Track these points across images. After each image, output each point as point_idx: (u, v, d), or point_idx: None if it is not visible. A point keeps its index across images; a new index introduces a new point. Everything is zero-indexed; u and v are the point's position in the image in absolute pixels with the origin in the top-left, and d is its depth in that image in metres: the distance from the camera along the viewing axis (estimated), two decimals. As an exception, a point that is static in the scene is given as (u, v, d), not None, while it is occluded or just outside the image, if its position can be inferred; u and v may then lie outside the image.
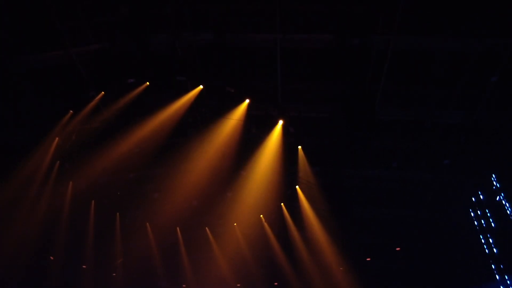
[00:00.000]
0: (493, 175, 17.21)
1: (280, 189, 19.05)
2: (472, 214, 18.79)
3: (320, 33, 12.99)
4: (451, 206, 19.33)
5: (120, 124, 15.96)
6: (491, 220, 17.74)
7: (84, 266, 21.79)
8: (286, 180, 18.86)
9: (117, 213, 21.50)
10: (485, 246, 18.02)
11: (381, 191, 19.64)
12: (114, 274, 23.28)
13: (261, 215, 21.85)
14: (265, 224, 22.05)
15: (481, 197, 18.30)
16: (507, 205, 16.53)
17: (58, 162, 16.81)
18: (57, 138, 15.88)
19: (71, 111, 15.27)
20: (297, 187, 19.51)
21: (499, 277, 17.22)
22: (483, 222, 18.21)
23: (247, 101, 15.21)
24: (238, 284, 24.04)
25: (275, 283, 24.07)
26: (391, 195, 19.74)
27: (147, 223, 22.55)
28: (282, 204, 20.93)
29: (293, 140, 16.58)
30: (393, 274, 21.99)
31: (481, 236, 18.26)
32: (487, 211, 17.95)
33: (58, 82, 14.58)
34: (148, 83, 14.66)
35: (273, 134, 16.10)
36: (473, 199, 18.73)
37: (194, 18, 13.31)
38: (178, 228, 23.16)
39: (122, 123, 15.94)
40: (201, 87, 15.03)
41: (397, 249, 21.56)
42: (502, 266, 17.12)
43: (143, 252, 22.77)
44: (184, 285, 24.48)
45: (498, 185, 17.08)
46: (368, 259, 22.15)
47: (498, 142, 15.30)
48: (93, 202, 20.18)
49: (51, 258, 20.51)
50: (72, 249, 20.49)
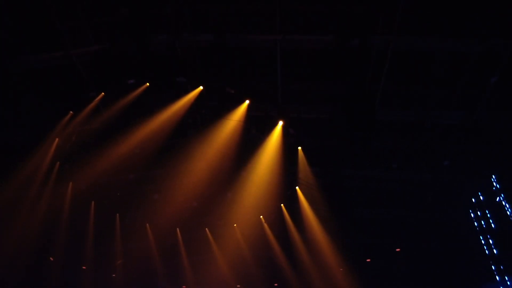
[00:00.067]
0: (493, 176, 17.22)
1: (280, 190, 19.03)
2: (472, 215, 18.80)
3: (320, 34, 12.97)
4: (451, 207, 19.33)
5: (120, 125, 15.93)
6: (491, 221, 17.74)
7: (84, 267, 21.81)
8: (286, 181, 18.85)
9: (117, 214, 21.52)
10: (485, 247, 18.03)
11: (381, 192, 19.63)
12: (114, 275, 23.28)
13: (261, 216, 21.82)
14: (265, 225, 22.02)
15: (481, 198, 18.30)
16: (507, 206, 16.54)
17: (58, 163, 16.82)
18: (57, 139, 15.90)
19: (71, 112, 15.29)
20: (297, 188, 19.52)
21: (499, 278, 17.22)
22: (483, 223, 18.22)
23: (247, 102, 15.21)
24: (238, 285, 24.00)
25: (275, 284, 24.03)
26: (391, 196, 19.73)
27: (147, 224, 22.53)
28: (282, 205, 20.92)
29: (293, 141, 16.57)
30: (393, 275, 21.96)
31: (481, 237, 18.27)
32: (487, 212, 17.96)
33: (58, 83, 14.57)
34: (148, 84, 14.65)
35: (273, 135, 16.09)
36: (473, 200, 18.73)
37: (194, 19, 13.31)
38: (178, 229, 23.14)
39: (122, 124, 15.92)
40: (201, 88, 15.02)
41: (397, 250, 21.54)
42: (502, 267, 17.13)
43: (143, 253, 22.77)
44: (184, 286, 24.44)
45: (498, 186, 17.08)
46: (368, 260, 22.14)
47: (498, 143, 15.29)
48: (93, 203, 20.20)
49: (51, 259, 20.53)
50: (72, 250, 20.52)
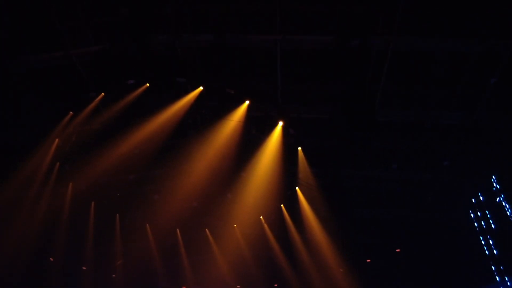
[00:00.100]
0: (493, 176, 17.20)
1: (280, 190, 19.02)
2: (472, 215, 18.79)
3: (320, 34, 12.97)
4: (451, 207, 19.32)
5: (120, 125, 15.94)
6: (491, 222, 17.73)
7: (84, 267, 21.81)
8: (286, 181, 18.85)
9: (117, 214, 21.54)
10: (485, 248, 18.02)
11: (381, 192, 19.63)
12: (114, 275, 23.28)
13: (261, 216, 21.83)
14: (265, 225, 22.03)
15: (481, 198, 18.29)
16: (507, 207, 16.52)
17: (58, 163, 16.83)
18: (57, 139, 15.90)
19: (71, 112, 15.29)
20: (297, 188, 19.55)
21: (499, 279, 17.21)
22: (483, 223, 18.21)
23: (247, 102, 15.21)
24: (238, 286, 23.99)
25: (275, 284, 24.03)
26: (391, 196, 19.73)
27: (147, 224, 22.55)
28: (282, 205, 20.93)
29: (293, 141, 16.57)
30: (393, 275, 21.92)
31: (481, 238, 18.26)
32: (487, 212, 17.94)
33: (58, 83, 14.58)
34: (148, 84, 14.65)
35: (273, 135, 16.09)
36: (473, 200, 18.72)
37: (194, 19, 13.32)
38: (178, 229, 23.16)
39: (122, 124, 15.93)
40: (201, 88, 15.02)
41: (397, 250, 21.53)
42: (502, 268, 17.11)
43: (143, 253, 22.78)
44: (184, 286, 24.41)
45: (498, 186, 17.07)
46: (368, 260, 22.13)
47: (498, 143, 15.28)
48: (93, 203, 20.21)
49: (51, 259, 20.53)
50: (72, 250, 20.52)
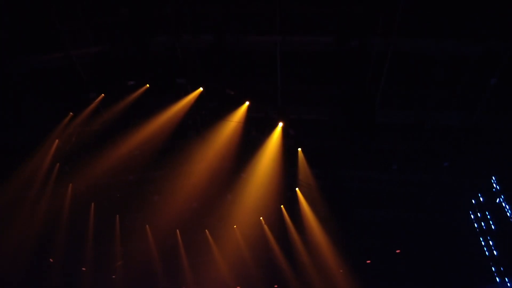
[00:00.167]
0: (493, 177, 17.20)
1: (280, 191, 19.02)
2: (472, 216, 18.78)
3: (320, 35, 12.97)
4: (451, 208, 19.32)
5: (120, 126, 15.96)
6: (491, 222, 17.72)
7: (84, 268, 21.81)
8: (286, 182, 18.84)
9: (117, 215, 21.53)
10: (485, 248, 18.01)
11: (381, 193, 19.62)
12: (114, 276, 23.29)
13: (261, 217, 21.83)
14: (265, 226, 22.04)
15: (481, 199, 18.28)
16: (507, 207, 16.51)
17: (58, 164, 16.83)
18: (57, 140, 15.91)
19: (71, 113, 15.30)
20: (297, 189, 19.54)
21: (499, 280, 17.19)
22: (483, 224, 18.20)
23: (247, 103, 15.22)
24: (238, 286, 24.01)
25: (275, 285, 24.05)
26: (391, 197, 19.72)
27: (147, 225, 22.55)
28: (282, 206, 20.93)
29: (293, 142, 16.59)
30: (393, 276, 21.96)
31: (481, 238, 18.25)
32: (487, 213, 17.93)
33: (58, 84, 14.59)
34: (148, 85, 14.67)
35: (273, 136, 16.10)
36: (473, 201, 18.71)
37: (194, 20, 13.32)
38: (178, 230, 23.15)
39: (122, 125, 15.95)
40: (201, 89, 15.04)
41: (397, 251, 21.53)
42: (502, 269, 17.10)
43: (143, 254, 22.78)
44: (184, 287, 24.44)
45: (498, 187, 17.05)
46: (368, 261, 22.14)
47: (498, 144, 15.27)
48: (93, 204, 20.20)
49: (51, 260, 20.53)
50: (72, 251, 20.52)
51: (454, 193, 18.63)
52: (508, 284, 16.63)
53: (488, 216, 17.87)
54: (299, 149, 17.14)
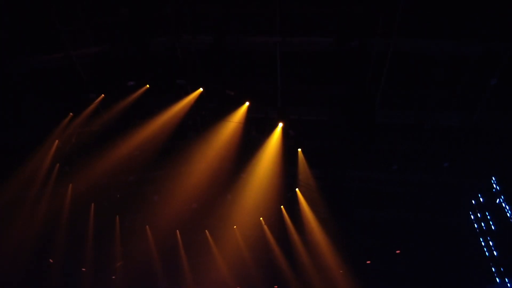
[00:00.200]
0: (493, 178, 17.18)
1: (280, 192, 19.02)
2: (472, 217, 18.75)
3: (320, 35, 12.99)
4: (451, 208, 19.29)
5: (120, 127, 15.97)
6: (491, 223, 17.69)
7: (84, 269, 21.78)
8: (286, 183, 18.84)
9: (117, 216, 21.50)
10: (485, 249, 17.98)
11: (381, 193, 19.60)
12: (114, 277, 23.24)
13: (261, 218, 21.80)
14: (265, 227, 22.00)
15: (481, 200, 18.25)
16: (507, 208, 16.49)
17: (58, 164, 16.83)
18: (57, 141, 15.91)
19: (71, 114, 15.30)
20: (297, 190, 19.51)
21: (499, 280, 17.17)
22: (483, 225, 18.16)
23: (247, 104, 15.22)
24: (238, 287, 23.98)
25: (275, 286, 24.02)
26: (391, 197, 19.70)
27: (147, 226, 22.53)
28: (282, 207, 20.90)
29: (293, 143, 16.58)
30: (393, 277, 21.94)
31: (481, 239, 18.21)
32: (487, 214, 17.91)
33: (58, 84, 14.61)
34: (148, 86, 14.68)
35: (273, 137, 16.10)
36: (473, 202, 18.68)
37: (194, 21, 13.34)
38: (178, 231, 23.14)
39: (122, 126, 15.95)
40: (201, 90, 15.04)
41: (397, 252, 21.52)
42: (502, 269, 17.07)
43: (143, 255, 22.74)
44: (184, 288, 24.46)
45: (498, 188, 17.03)
46: (368, 262, 22.12)
47: (498, 144, 15.26)
48: (93, 205, 20.18)
49: (51, 261, 20.51)
50: (72, 252, 20.49)
51: (454, 194, 18.61)
52: (508, 285, 16.61)
53: (488, 217, 17.84)
54: (299, 150, 17.13)
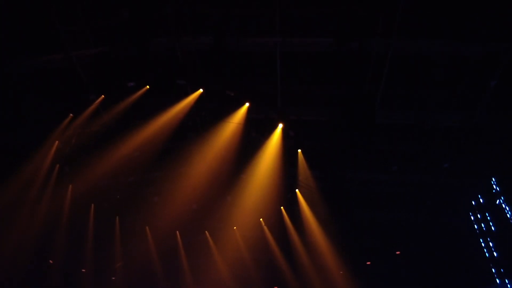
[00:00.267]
0: (493, 178, 17.19)
1: (280, 193, 19.00)
2: (472, 218, 18.77)
3: (320, 36, 13.00)
4: (451, 209, 19.31)
5: (120, 128, 15.98)
6: (491, 224, 17.70)
7: (84, 270, 21.76)
8: (286, 184, 18.82)
9: (117, 217, 21.50)
10: (485, 250, 17.99)
11: (381, 194, 19.60)
12: (114, 278, 23.21)
13: (261, 219, 21.80)
14: (265, 228, 22.00)
15: (481, 201, 18.27)
16: (507, 209, 16.50)
17: (58, 165, 16.82)
18: (57, 141, 15.90)
19: (71, 115, 15.30)
20: (297, 191, 19.51)
21: (499, 281, 17.18)
22: (483, 226, 18.18)
23: (247, 105, 15.22)
24: (238, 288, 23.99)
25: (275, 287, 23.98)
26: (391, 198, 19.70)
27: (147, 227, 22.54)
28: (282, 208, 20.90)
29: (293, 144, 16.58)
30: (393, 278, 21.89)
31: (481, 240, 18.23)
32: (487, 215, 17.92)
33: (58, 85, 14.62)
34: (148, 87, 14.67)
35: (273, 138, 16.10)
36: (473, 202, 18.70)
37: (194, 21, 13.34)
38: (178, 232, 23.13)
39: (122, 127, 15.96)
40: (201, 91, 15.04)
41: (397, 253, 21.51)
42: (502, 270, 17.08)
43: (143, 256, 22.73)
44: (184, 289, 24.43)
45: (498, 189, 17.04)
46: (368, 263, 22.11)
47: (498, 145, 15.28)
48: (93, 206, 20.18)
49: (51, 262, 20.49)
50: (72, 253, 20.47)
51: (454, 194, 18.63)
52: (508, 286, 16.62)
53: (488, 217, 17.86)
54: (299, 150, 17.13)
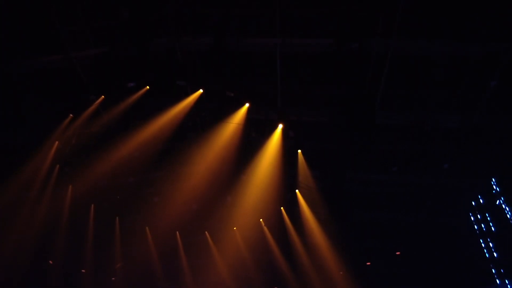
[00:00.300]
0: (493, 179, 17.18)
1: (280, 193, 18.96)
2: (472, 218, 18.74)
3: (320, 36, 13.00)
4: (451, 210, 19.29)
5: (120, 128, 15.96)
6: (491, 224, 17.69)
7: (84, 270, 21.76)
8: (286, 184, 18.77)
9: (117, 217, 21.50)
10: (485, 250, 17.97)
11: (381, 195, 19.55)
12: (114, 278, 23.24)
13: (261, 219, 21.78)
14: (265, 228, 21.98)
15: (481, 201, 18.25)
16: (507, 209, 16.49)
17: (58, 166, 16.82)
18: (57, 142, 15.90)
19: (71, 115, 15.30)
20: (297, 191, 19.47)
21: (500, 282, 17.16)
22: (483, 226, 18.16)
23: (247, 105, 15.21)
24: (238, 289, 24.00)
25: (275, 287, 24.00)
26: (391, 199, 19.67)
27: (147, 227, 22.54)
28: (282, 208, 20.88)
29: (293, 144, 16.55)
30: (393, 278, 21.92)
31: (481, 240, 18.21)
32: (487, 215, 17.90)
33: (58, 86, 14.61)
34: (148, 87, 14.67)
35: (273, 138, 16.06)
36: (473, 203, 18.67)
37: (194, 22, 13.34)
38: (178, 232, 23.13)
39: (122, 127, 15.95)
40: (201, 91, 15.04)
41: (397, 253, 21.51)
42: (503, 271, 17.07)
43: (143, 256, 22.74)
44: (184, 289, 24.43)
45: (498, 189, 17.02)
46: (368, 263, 22.11)
47: (498, 145, 15.26)
48: (93, 206, 20.18)
49: (50, 262, 20.49)
50: (72, 253, 20.48)
51: (454, 195, 18.59)
52: (509, 286, 16.60)
53: (488, 218, 17.84)
54: (299, 151, 17.10)
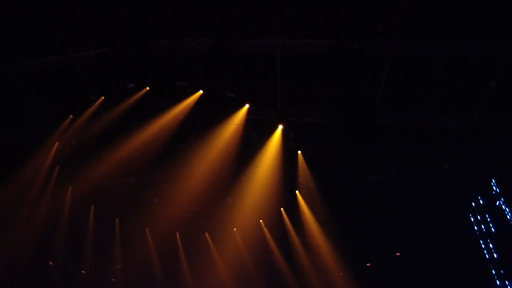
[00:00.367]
0: (493, 180, 17.17)
1: (280, 194, 18.99)
2: (472, 219, 18.71)
3: (320, 37, 12.99)
4: (451, 211, 19.28)
5: (120, 129, 15.97)
6: (491, 225, 17.67)
7: (84, 271, 21.76)
8: (286, 185, 18.79)
9: (117, 218, 21.51)
10: (485, 251, 17.95)
11: (381, 196, 19.57)
12: (114, 279, 23.23)
13: (261, 220, 21.79)
14: (265, 229, 21.99)
15: (481, 202, 18.23)
16: (507, 210, 16.47)
17: (58, 167, 16.82)
18: (57, 143, 15.90)
19: (71, 116, 15.30)
20: (297, 192, 19.48)
21: (500, 283, 17.13)
22: (483, 227, 18.14)
23: (247, 106, 15.21)
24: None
25: (275, 288, 24.02)
26: (391, 200, 19.67)
27: (147, 228, 22.55)
28: (282, 209, 20.89)
29: (293, 145, 16.53)
30: (393, 279, 21.89)
31: (481, 241, 18.18)
32: (487, 216, 17.88)
33: (58, 86, 14.61)
34: (148, 88, 14.67)
35: (273, 139, 16.05)
36: (473, 204, 18.66)
37: (194, 23, 13.34)
38: (178, 233, 23.13)
39: (122, 128, 15.96)
40: (201, 92, 15.03)
41: (397, 254, 21.50)
42: (503, 272, 17.03)
43: (143, 257, 22.75)
44: (183, 290, 24.42)
45: (498, 190, 17.00)
46: (368, 264, 22.10)
47: (498, 146, 15.26)
48: (93, 207, 20.19)
49: (50, 263, 20.48)
50: (72, 254, 20.47)
51: (454, 196, 18.59)
52: (509, 287, 16.59)
53: (488, 219, 17.81)
54: (299, 152, 17.10)
